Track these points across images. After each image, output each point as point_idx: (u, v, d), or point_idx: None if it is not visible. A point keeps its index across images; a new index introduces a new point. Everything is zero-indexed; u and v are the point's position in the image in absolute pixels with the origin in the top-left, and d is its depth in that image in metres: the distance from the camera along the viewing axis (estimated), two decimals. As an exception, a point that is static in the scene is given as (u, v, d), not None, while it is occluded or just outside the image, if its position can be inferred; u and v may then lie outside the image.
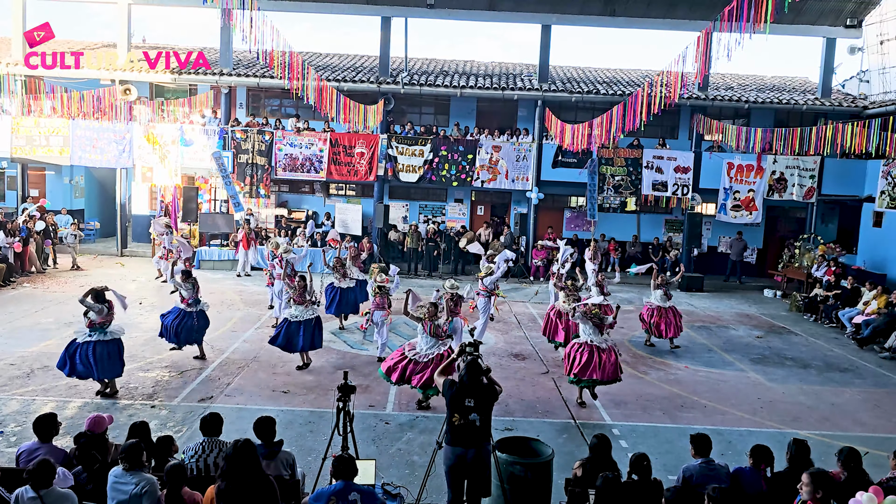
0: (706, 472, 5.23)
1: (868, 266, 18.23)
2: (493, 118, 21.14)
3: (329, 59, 22.83)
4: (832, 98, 20.25)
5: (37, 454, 4.96)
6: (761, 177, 19.31)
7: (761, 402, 9.64)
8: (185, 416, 8.13)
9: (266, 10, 14.75)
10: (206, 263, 18.13)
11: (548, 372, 10.52)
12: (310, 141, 19.23)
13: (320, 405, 8.60)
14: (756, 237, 20.94)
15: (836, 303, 15.23)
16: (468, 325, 11.42)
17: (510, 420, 8.38)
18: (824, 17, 19.67)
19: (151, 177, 19.69)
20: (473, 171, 19.34)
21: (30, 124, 18.80)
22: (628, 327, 13.48)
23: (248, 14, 12.94)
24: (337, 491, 4.42)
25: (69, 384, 8.98)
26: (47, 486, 4.26)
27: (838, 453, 5.29)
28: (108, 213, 23.01)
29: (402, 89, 19.31)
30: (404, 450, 7.46)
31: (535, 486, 5.84)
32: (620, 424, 8.51)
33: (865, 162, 19.06)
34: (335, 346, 11.52)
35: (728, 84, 21.82)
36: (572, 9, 19.65)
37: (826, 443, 8.12)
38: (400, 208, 21.29)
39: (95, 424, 5.25)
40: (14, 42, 19.32)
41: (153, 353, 10.55)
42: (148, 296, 14.52)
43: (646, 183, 19.50)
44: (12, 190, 20.76)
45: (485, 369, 5.65)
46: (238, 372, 9.88)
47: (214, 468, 5.18)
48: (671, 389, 10.01)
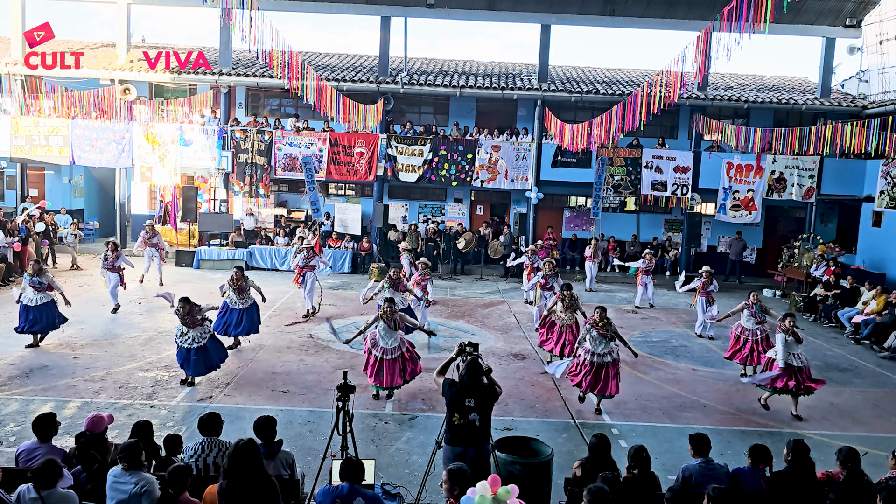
0: (705, 472, 5.24)
1: (867, 266, 18.23)
2: (493, 118, 21.14)
3: (328, 58, 22.83)
4: (831, 98, 20.26)
5: (36, 454, 4.96)
6: (761, 176, 19.32)
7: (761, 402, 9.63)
8: (185, 415, 8.13)
9: (265, 9, 14.76)
10: (205, 263, 18.12)
11: (547, 372, 10.51)
12: (309, 141, 19.23)
13: (320, 405, 8.60)
14: (755, 237, 20.94)
15: (835, 302, 15.23)
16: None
17: (509, 420, 8.38)
18: (824, 17, 19.68)
19: (151, 176, 19.71)
20: (473, 171, 19.34)
21: (29, 124, 18.79)
22: (628, 327, 13.48)
23: (248, 14, 12.94)
24: (342, 495, 4.41)
25: (68, 384, 8.99)
26: (51, 486, 4.24)
27: (837, 453, 5.29)
28: (107, 213, 23.00)
29: (402, 89, 19.31)
30: (404, 449, 7.46)
31: (534, 485, 5.84)
32: (620, 424, 8.51)
33: (865, 162, 19.07)
34: (335, 345, 11.52)
35: (727, 84, 21.83)
36: (572, 9, 19.65)
37: (826, 443, 8.12)
38: (399, 208, 21.29)
39: (95, 424, 5.24)
40: (14, 42, 19.32)
41: (153, 353, 10.55)
42: (147, 296, 14.51)
43: (645, 183, 19.50)
44: (11, 190, 20.75)
45: (485, 369, 5.65)
46: (238, 371, 9.88)
47: (214, 468, 5.18)
48: (671, 389, 10.01)
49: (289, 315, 13.40)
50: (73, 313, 12.20)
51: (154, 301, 13.97)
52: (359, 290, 16.33)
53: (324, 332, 12.28)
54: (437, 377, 5.92)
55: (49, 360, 9.98)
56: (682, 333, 13.52)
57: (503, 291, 17.27)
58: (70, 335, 11.29)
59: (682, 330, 13.80)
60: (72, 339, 11.09)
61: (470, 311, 14.67)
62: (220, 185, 19.66)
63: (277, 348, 11.18)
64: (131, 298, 14.14)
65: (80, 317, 12.45)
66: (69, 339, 11.12)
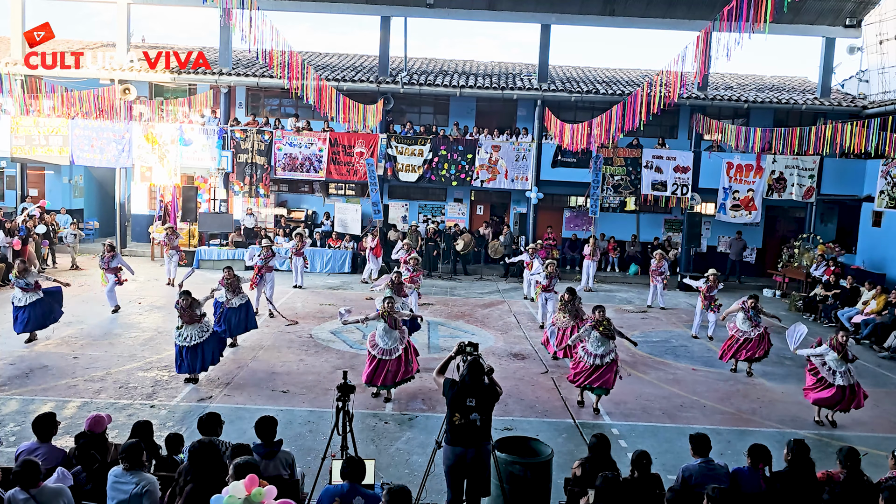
0: (705, 472, 5.24)
1: (867, 266, 18.23)
2: (493, 118, 21.14)
3: (328, 58, 22.82)
4: (831, 98, 20.25)
5: (36, 454, 4.95)
6: (760, 176, 19.31)
7: (761, 402, 9.64)
8: (185, 415, 8.13)
9: (265, 9, 14.76)
10: (205, 263, 18.11)
11: (547, 371, 10.52)
12: (309, 140, 19.22)
13: (320, 405, 8.60)
14: (755, 237, 20.94)
15: (835, 302, 15.23)
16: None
17: (509, 420, 8.38)
18: (823, 17, 19.67)
19: (150, 176, 19.69)
20: (473, 171, 19.34)
21: (29, 124, 18.79)
22: (628, 327, 13.48)
23: (248, 14, 12.96)
24: (342, 493, 4.43)
25: (68, 384, 8.99)
26: (35, 485, 4.24)
27: (838, 452, 5.29)
28: (107, 213, 23.00)
29: (402, 89, 19.30)
30: (403, 449, 7.46)
31: (534, 485, 5.84)
32: (620, 424, 8.51)
33: (864, 161, 19.07)
34: (335, 345, 11.52)
35: (727, 84, 21.83)
36: (572, 8, 19.65)
37: (825, 442, 8.13)
38: (399, 208, 21.30)
39: (95, 424, 5.24)
40: (14, 42, 19.31)
41: (153, 352, 10.55)
42: (147, 296, 14.51)
43: (645, 182, 19.50)
44: (11, 189, 20.75)
45: (487, 369, 5.65)
46: (237, 371, 9.88)
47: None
48: (671, 389, 10.01)
49: (289, 315, 13.38)
50: (73, 313, 12.23)
51: (154, 301, 13.99)
52: (359, 290, 16.41)
53: (324, 333, 12.29)
54: (437, 376, 5.90)
55: (49, 360, 9.98)
56: (682, 333, 13.52)
57: (503, 291, 17.27)
58: (70, 335, 11.30)
59: (682, 330, 13.80)
60: (72, 339, 11.09)
61: (470, 311, 14.67)
62: (220, 184, 19.66)
63: (277, 348, 11.18)
64: (131, 298, 14.14)
65: (80, 317, 12.47)
66: (69, 338, 11.12)
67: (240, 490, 3.90)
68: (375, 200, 18.85)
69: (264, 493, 3.93)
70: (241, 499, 3.87)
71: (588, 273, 17.61)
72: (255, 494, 3.90)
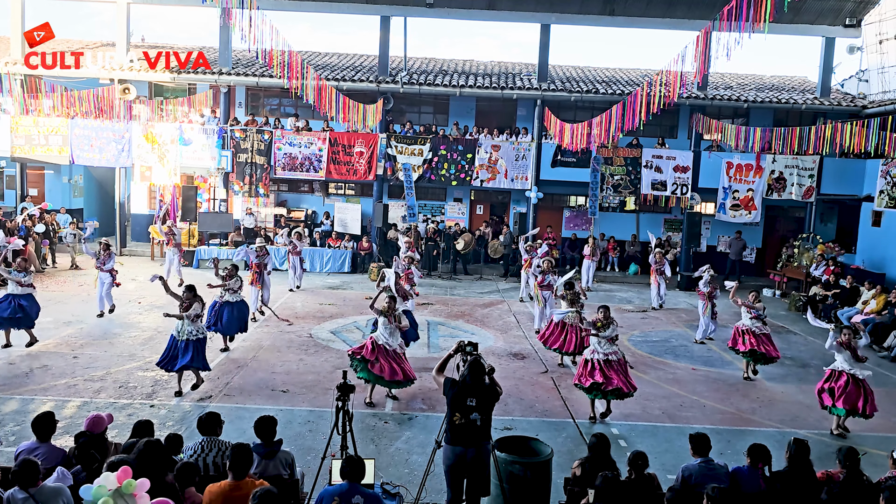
0: (705, 472, 5.23)
1: (867, 265, 18.23)
2: (493, 117, 21.14)
3: (328, 58, 22.82)
4: (831, 97, 20.26)
5: (35, 454, 4.95)
6: (760, 176, 19.31)
7: (761, 402, 9.64)
8: (185, 415, 8.13)
9: (265, 9, 14.75)
10: (205, 263, 18.10)
11: (547, 371, 10.52)
12: (309, 140, 19.22)
13: (319, 404, 8.60)
14: (755, 236, 20.94)
15: (834, 302, 15.23)
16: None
17: (509, 419, 8.38)
18: (823, 17, 19.67)
19: (150, 176, 19.70)
20: (473, 171, 19.34)
21: (29, 123, 18.79)
22: (628, 326, 13.48)
23: (248, 13, 12.94)
24: (341, 492, 4.42)
25: (68, 384, 8.98)
26: (34, 484, 4.24)
27: (837, 452, 5.29)
28: (106, 213, 22.98)
29: (402, 88, 19.30)
30: (403, 449, 7.46)
31: (534, 485, 5.84)
32: (620, 424, 8.50)
33: (864, 161, 19.07)
34: (334, 345, 11.52)
35: (727, 83, 21.83)
36: (571, 8, 19.64)
37: (825, 442, 8.13)
38: (399, 207, 21.27)
39: (95, 424, 5.24)
40: (14, 42, 19.30)
41: (152, 352, 10.53)
42: (147, 295, 14.51)
43: (645, 182, 19.50)
44: (11, 189, 20.74)
45: (488, 369, 5.64)
46: (237, 371, 9.88)
47: (213, 468, 5.20)
48: (671, 389, 10.01)
49: (288, 315, 13.38)
50: (72, 313, 12.23)
51: (153, 301, 13.97)
52: (359, 290, 16.41)
53: (323, 332, 12.29)
54: (437, 375, 5.88)
55: (49, 359, 9.98)
56: (682, 333, 13.52)
57: (503, 291, 17.27)
58: (70, 335, 11.30)
59: (682, 330, 13.80)
60: (71, 339, 11.09)
61: (469, 311, 14.67)
62: (219, 184, 19.66)
63: (277, 348, 11.18)
64: (131, 298, 14.14)
65: (79, 317, 12.46)
66: (69, 338, 11.12)
67: (111, 481, 3.93)
68: (411, 204, 18.90)
69: (135, 486, 3.98)
70: (110, 490, 3.89)
71: (589, 273, 17.62)
72: (125, 486, 3.94)
